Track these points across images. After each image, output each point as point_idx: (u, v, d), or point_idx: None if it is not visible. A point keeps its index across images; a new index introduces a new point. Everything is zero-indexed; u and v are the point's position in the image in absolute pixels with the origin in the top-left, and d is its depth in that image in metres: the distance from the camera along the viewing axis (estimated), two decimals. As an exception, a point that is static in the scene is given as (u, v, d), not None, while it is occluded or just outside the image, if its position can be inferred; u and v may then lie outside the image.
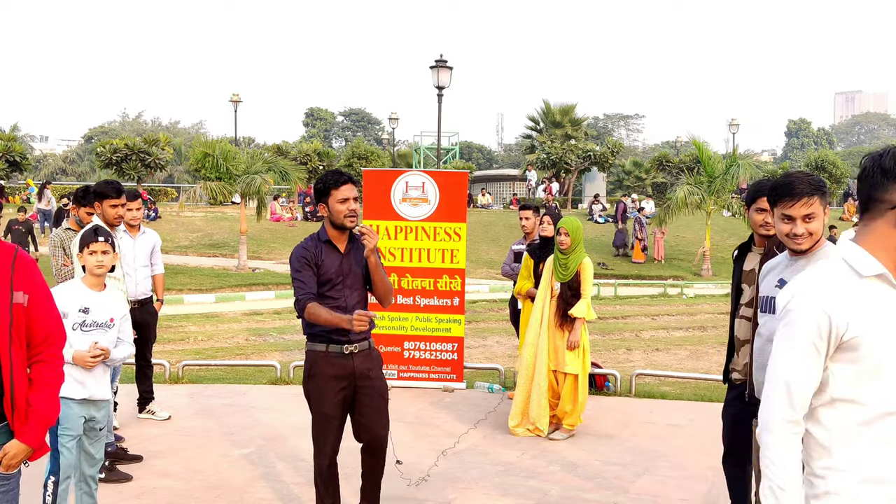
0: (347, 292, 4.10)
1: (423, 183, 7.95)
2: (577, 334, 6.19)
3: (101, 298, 4.12)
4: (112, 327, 4.13)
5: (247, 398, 7.48)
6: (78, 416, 4.01)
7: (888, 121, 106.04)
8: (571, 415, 6.30)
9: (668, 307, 16.12)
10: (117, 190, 5.51)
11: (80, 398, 4.00)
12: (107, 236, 4.14)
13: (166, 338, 11.72)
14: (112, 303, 4.19)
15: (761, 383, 3.13)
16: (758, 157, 70.34)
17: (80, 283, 4.14)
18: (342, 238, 4.13)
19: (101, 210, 5.50)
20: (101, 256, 4.09)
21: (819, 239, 3.05)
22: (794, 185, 3.03)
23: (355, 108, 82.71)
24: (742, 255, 4.28)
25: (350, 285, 4.12)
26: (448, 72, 22.96)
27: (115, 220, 5.52)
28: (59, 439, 3.97)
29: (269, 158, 24.58)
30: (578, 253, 6.25)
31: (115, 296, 4.30)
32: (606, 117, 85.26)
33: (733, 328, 4.24)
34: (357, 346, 4.11)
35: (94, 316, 4.06)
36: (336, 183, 4.04)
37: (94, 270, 4.10)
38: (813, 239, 3.02)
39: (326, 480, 4.22)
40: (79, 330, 4.01)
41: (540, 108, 46.31)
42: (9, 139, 30.55)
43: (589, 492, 5.09)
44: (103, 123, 69.96)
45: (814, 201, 3.02)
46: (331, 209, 4.05)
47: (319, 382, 4.11)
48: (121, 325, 4.19)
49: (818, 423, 2.07)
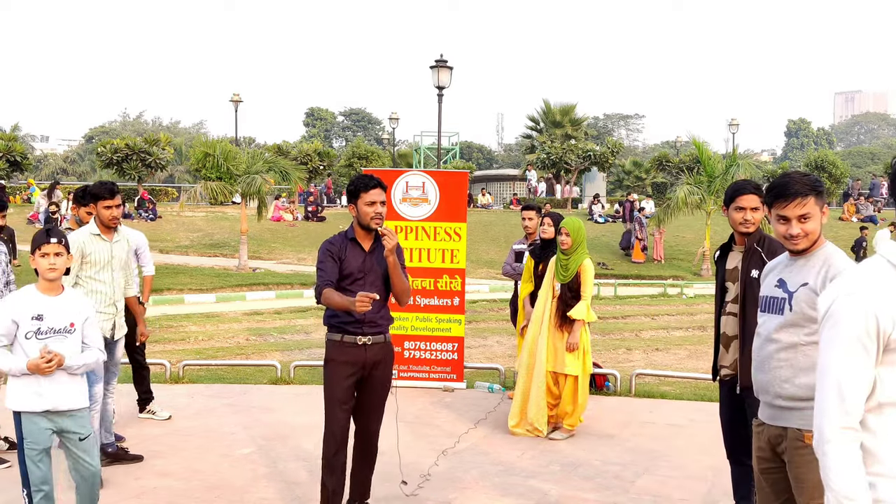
0: (368, 288, 4.27)
1: (423, 183, 7.95)
2: (576, 336, 6.19)
3: (57, 303, 3.88)
4: (73, 332, 3.90)
5: (247, 398, 7.48)
6: (43, 429, 3.84)
7: (888, 121, 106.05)
8: (572, 415, 6.31)
9: (668, 307, 16.12)
10: (111, 191, 5.39)
11: (41, 410, 3.81)
12: (60, 237, 3.91)
13: (166, 338, 11.72)
14: (71, 307, 3.94)
15: (760, 383, 3.12)
16: (757, 156, 70.39)
17: (33, 289, 3.90)
18: (368, 238, 4.40)
19: (96, 211, 5.42)
20: (54, 259, 3.83)
21: (817, 238, 3.05)
22: (789, 186, 3.02)
23: (355, 108, 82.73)
24: (724, 255, 4.38)
25: (371, 282, 4.36)
26: (448, 72, 22.96)
27: (110, 222, 5.41)
28: (24, 454, 3.83)
29: (270, 158, 24.56)
30: (580, 254, 6.25)
31: (75, 299, 4.04)
32: (606, 117, 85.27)
33: (719, 325, 4.32)
34: (371, 338, 4.36)
35: (49, 322, 3.83)
36: (366, 186, 4.31)
37: (46, 274, 3.85)
38: (809, 239, 3.02)
39: (333, 467, 4.39)
40: (33, 338, 3.80)
41: (540, 108, 46.30)
42: (9, 139, 30.58)
43: (589, 492, 5.10)
44: (104, 123, 70.03)
45: (808, 201, 2.99)
46: (359, 210, 4.33)
47: (332, 368, 4.39)
48: (84, 329, 3.96)
49: (866, 428, 2.03)
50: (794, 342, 3.01)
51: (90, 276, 5.35)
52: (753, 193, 4.21)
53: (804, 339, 2.99)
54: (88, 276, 5.34)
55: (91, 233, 5.38)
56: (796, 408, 2.97)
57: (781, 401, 3.02)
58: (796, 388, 2.98)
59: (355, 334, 4.35)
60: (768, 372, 3.07)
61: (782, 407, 3.02)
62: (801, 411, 2.95)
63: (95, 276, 5.36)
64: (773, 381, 3.04)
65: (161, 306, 14.83)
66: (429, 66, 22.94)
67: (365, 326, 4.34)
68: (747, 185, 4.33)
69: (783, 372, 3.02)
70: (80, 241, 5.25)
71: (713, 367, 4.42)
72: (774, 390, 3.04)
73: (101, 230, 5.39)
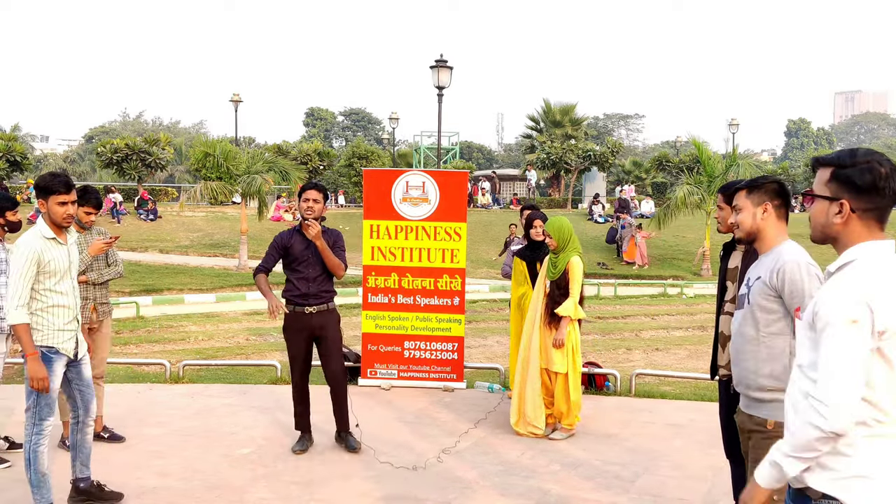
0: (311, 268, 5.74)
1: (423, 183, 7.95)
2: (563, 333, 6.18)
3: None
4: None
5: (247, 398, 7.48)
6: None
7: (888, 120, 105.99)
8: (568, 415, 6.30)
9: (668, 307, 16.11)
10: (66, 184, 4.52)
11: None
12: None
13: (166, 338, 11.73)
14: None
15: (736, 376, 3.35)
16: (757, 156, 70.32)
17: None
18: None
19: (47, 208, 4.51)
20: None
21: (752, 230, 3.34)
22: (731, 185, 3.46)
23: (355, 107, 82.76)
24: (727, 253, 4.41)
25: (311, 262, 5.74)
26: (448, 72, 22.93)
27: (65, 221, 4.53)
28: None
29: (270, 158, 24.58)
30: (568, 252, 6.26)
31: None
32: (606, 117, 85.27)
33: (718, 324, 4.35)
34: (315, 307, 5.74)
35: None
36: (305, 189, 5.75)
37: None
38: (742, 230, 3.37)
39: (297, 396, 5.95)
40: None
41: (540, 107, 46.26)
42: (9, 139, 30.57)
43: (589, 492, 5.09)
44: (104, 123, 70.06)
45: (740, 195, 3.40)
46: (300, 207, 5.76)
47: (288, 333, 5.83)
48: None
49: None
50: (753, 335, 3.23)
51: (49, 288, 4.48)
52: (721, 193, 4.38)
53: (763, 330, 3.19)
54: (47, 289, 4.47)
55: (45, 236, 4.49)
56: (765, 399, 3.19)
57: (752, 392, 3.24)
58: (763, 379, 3.19)
59: (303, 305, 5.72)
60: (738, 364, 3.31)
61: (754, 398, 3.24)
62: (769, 403, 3.17)
63: (54, 288, 4.50)
64: (744, 374, 3.27)
65: (161, 306, 14.83)
66: (429, 66, 22.91)
67: (309, 299, 5.72)
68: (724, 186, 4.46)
69: (749, 364, 3.24)
70: (36, 247, 4.43)
71: (711, 365, 4.44)
72: (745, 382, 3.27)
73: (55, 231, 4.54)
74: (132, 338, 11.64)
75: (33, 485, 4.44)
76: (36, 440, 4.43)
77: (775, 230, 3.32)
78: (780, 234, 3.32)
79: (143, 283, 17.10)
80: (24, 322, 4.35)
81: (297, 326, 5.75)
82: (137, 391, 7.72)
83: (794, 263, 3.14)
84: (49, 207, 4.48)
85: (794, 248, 3.24)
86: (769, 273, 3.19)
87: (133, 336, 11.81)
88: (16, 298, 4.35)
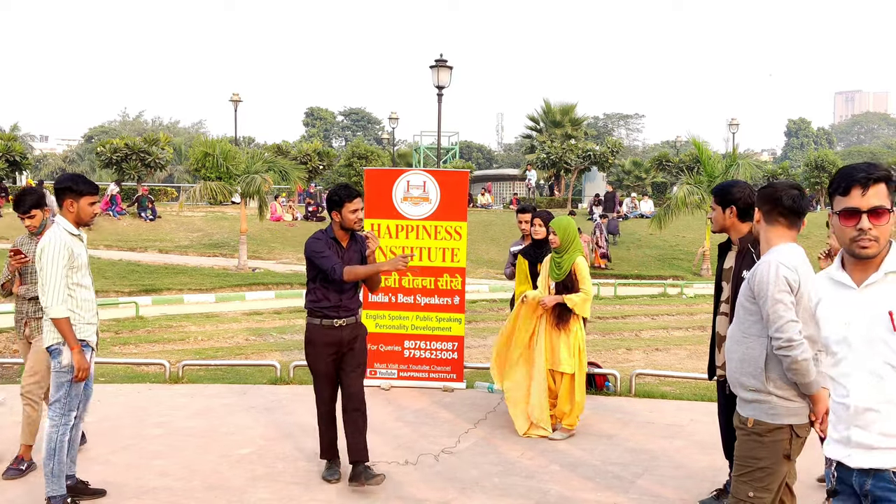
0: None
1: (424, 182, 7.95)
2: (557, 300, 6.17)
3: None
4: None
5: (247, 398, 7.47)
6: None
7: (888, 120, 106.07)
8: (570, 415, 6.29)
9: (668, 307, 16.11)
10: (96, 186, 4.74)
11: None
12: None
13: (166, 338, 11.72)
14: None
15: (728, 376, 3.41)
16: (757, 156, 70.32)
17: None
18: (345, 237, 5.24)
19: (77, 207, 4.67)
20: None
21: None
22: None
23: (355, 107, 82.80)
24: (723, 254, 4.40)
25: None
26: (448, 71, 22.93)
27: (92, 220, 4.78)
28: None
29: (269, 158, 24.54)
30: (572, 252, 6.25)
31: None
32: (606, 117, 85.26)
33: (715, 325, 4.35)
34: (345, 320, 5.18)
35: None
36: (350, 197, 5.11)
37: None
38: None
39: (326, 421, 5.30)
40: None
41: (540, 107, 46.29)
42: (9, 139, 30.52)
43: (589, 492, 5.09)
44: (103, 123, 69.96)
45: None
46: (343, 217, 5.13)
47: (315, 349, 5.19)
48: None
49: None
50: (738, 336, 3.29)
51: (77, 282, 4.62)
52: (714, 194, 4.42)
53: (745, 331, 3.25)
54: (75, 283, 4.61)
55: (70, 232, 4.62)
56: (747, 399, 3.26)
57: (739, 391, 3.33)
58: (745, 378, 3.26)
59: (332, 318, 5.14)
60: (728, 364, 3.39)
61: (741, 398, 3.33)
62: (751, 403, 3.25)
63: (81, 282, 4.65)
64: (731, 374, 3.35)
65: (161, 306, 14.82)
66: (428, 66, 22.91)
67: (340, 311, 5.16)
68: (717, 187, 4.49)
69: (734, 364, 3.32)
70: (66, 240, 4.54)
71: (709, 366, 4.44)
72: (733, 381, 3.36)
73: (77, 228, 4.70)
74: (131, 338, 11.63)
75: (54, 474, 4.53)
76: (63, 430, 4.58)
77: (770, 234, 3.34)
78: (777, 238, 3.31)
79: (143, 283, 17.09)
80: (66, 316, 4.51)
81: (325, 340, 5.11)
82: (137, 391, 7.72)
83: (766, 264, 3.16)
84: (80, 207, 4.67)
85: (781, 251, 3.21)
86: (750, 274, 3.27)
87: (132, 336, 11.80)
88: (58, 293, 4.48)
